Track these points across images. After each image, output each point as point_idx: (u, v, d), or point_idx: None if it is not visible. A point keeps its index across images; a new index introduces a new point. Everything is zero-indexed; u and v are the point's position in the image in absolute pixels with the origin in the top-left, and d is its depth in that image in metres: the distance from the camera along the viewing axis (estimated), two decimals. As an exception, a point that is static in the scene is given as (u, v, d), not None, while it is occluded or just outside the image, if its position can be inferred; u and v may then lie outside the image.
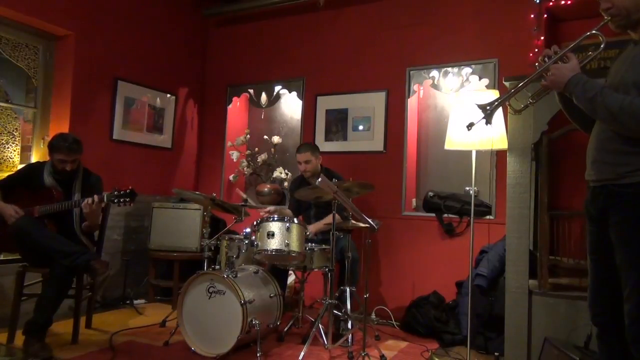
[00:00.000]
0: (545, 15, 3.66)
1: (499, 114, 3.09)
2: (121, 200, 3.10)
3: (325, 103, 4.74)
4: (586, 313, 2.00)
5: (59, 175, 3.25)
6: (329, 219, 3.68)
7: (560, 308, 2.75)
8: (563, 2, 3.57)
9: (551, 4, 3.62)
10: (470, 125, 2.12)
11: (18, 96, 4.11)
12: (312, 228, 3.73)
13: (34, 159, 4.02)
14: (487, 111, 2.02)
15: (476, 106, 2.04)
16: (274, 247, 3.14)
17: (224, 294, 2.96)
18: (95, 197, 3.08)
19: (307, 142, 4.25)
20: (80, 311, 3.24)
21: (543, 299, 2.80)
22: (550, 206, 2.89)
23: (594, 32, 1.91)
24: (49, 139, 3.70)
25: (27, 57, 4.02)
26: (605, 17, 1.86)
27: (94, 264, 3.01)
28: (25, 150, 4.08)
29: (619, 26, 1.86)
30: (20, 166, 3.92)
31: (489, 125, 2.07)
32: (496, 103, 2.03)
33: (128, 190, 3.11)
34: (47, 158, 3.38)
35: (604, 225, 1.84)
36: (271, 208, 3.97)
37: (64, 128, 3.97)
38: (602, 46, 1.91)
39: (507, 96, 2.07)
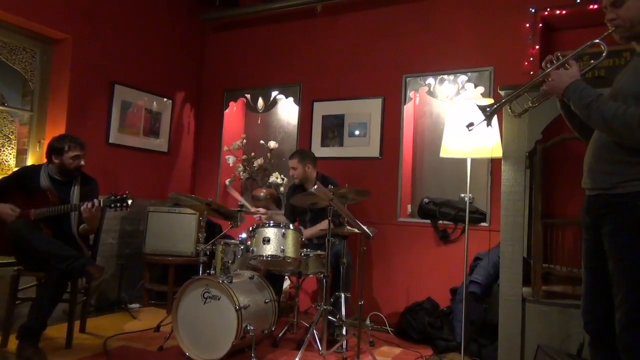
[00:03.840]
0: (541, 25, 3.69)
1: (494, 122, 3.12)
2: (117, 205, 3.10)
3: (322, 109, 4.76)
4: (579, 321, 2.02)
5: (63, 177, 3.26)
6: (323, 224, 3.70)
7: (554, 316, 2.76)
8: (558, 12, 3.61)
9: (546, 13, 3.66)
10: (470, 125, 2.15)
11: (14, 99, 4.10)
12: (307, 233, 3.73)
13: (29, 162, 4.01)
14: (487, 113, 2.05)
15: (477, 107, 2.07)
16: (270, 253, 3.15)
17: (219, 299, 2.96)
18: (96, 201, 3.08)
19: (300, 149, 4.27)
20: (75, 315, 3.22)
21: (536, 307, 2.82)
22: (544, 214, 2.92)
23: (597, 41, 1.94)
24: (45, 142, 3.71)
25: (24, 60, 4.02)
26: (610, 28, 1.88)
27: (90, 268, 3.00)
28: (21, 154, 4.07)
29: (622, 37, 1.89)
30: (15, 169, 3.91)
31: (489, 127, 2.11)
32: (496, 105, 2.06)
33: (124, 195, 3.11)
34: (44, 161, 3.38)
35: (598, 234, 1.86)
36: (263, 210, 3.97)
37: (60, 131, 3.95)
38: (603, 55, 1.95)
39: (508, 99, 2.09)
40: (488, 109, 2.04)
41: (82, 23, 4.18)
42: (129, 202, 3.09)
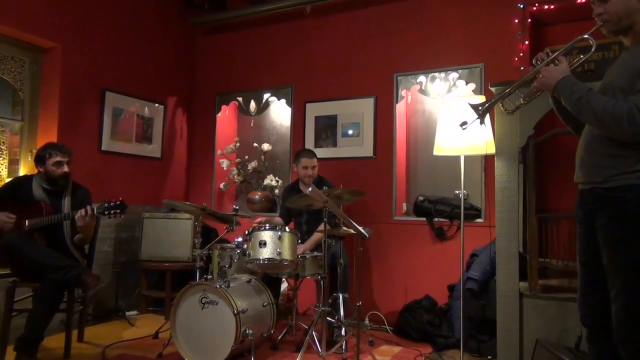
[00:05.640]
0: (529, 20, 3.71)
1: (486, 119, 3.13)
2: (111, 212, 3.08)
3: (314, 110, 4.75)
4: (576, 314, 2.03)
5: (52, 186, 3.24)
6: (317, 237, 3.70)
7: (551, 310, 2.78)
8: (546, 7, 3.63)
9: (535, 8, 3.68)
10: (463, 124, 2.15)
11: (4, 109, 4.06)
12: (300, 249, 3.68)
13: (21, 172, 3.99)
14: (480, 111, 2.06)
15: (469, 106, 2.07)
16: (266, 256, 3.14)
17: (216, 304, 2.95)
18: (89, 208, 3.07)
19: (308, 149, 4.25)
20: (72, 325, 3.21)
21: (534, 301, 2.84)
22: (538, 209, 2.93)
23: (585, 36, 1.95)
24: (36, 151, 3.67)
25: (13, 70, 3.99)
26: (598, 22, 1.90)
27: (85, 277, 2.99)
28: (13, 164, 4.04)
29: (610, 31, 1.90)
30: (7, 180, 3.88)
31: (482, 125, 2.12)
32: (488, 104, 2.07)
33: (118, 202, 3.10)
34: (35, 171, 3.36)
35: (592, 228, 1.87)
36: (262, 219, 3.96)
37: (52, 140, 3.93)
38: (592, 49, 1.96)
39: (500, 97, 2.10)
40: (480, 108, 2.05)
41: (71, 31, 4.16)
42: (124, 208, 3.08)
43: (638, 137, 1.72)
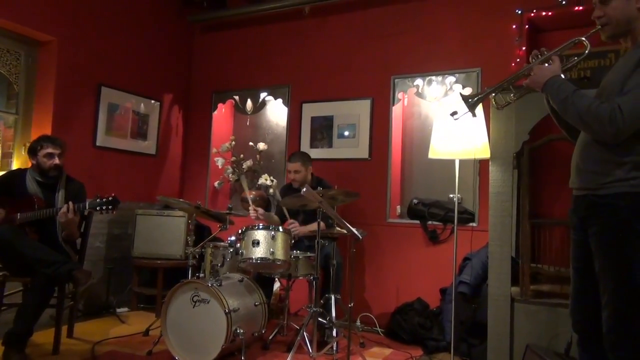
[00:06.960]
0: (527, 26, 3.72)
1: (482, 123, 3.14)
2: (103, 207, 3.07)
3: (311, 110, 4.75)
4: (567, 320, 2.04)
5: (44, 178, 3.22)
6: (313, 226, 3.69)
7: (542, 315, 2.78)
8: (544, 13, 3.64)
9: (532, 14, 3.69)
10: (454, 114, 2.16)
11: (-1, 102, 4.05)
12: (300, 229, 3.73)
13: (15, 165, 3.96)
14: (470, 103, 2.06)
15: (460, 96, 2.08)
16: (259, 256, 3.13)
17: (208, 302, 2.94)
18: (70, 204, 3.04)
19: (299, 152, 4.23)
20: (62, 320, 3.19)
21: (525, 306, 2.84)
22: (531, 214, 2.94)
23: (582, 38, 1.96)
24: (29, 144, 3.66)
25: (8, 63, 3.97)
26: (597, 25, 1.90)
27: (76, 273, 2.97)
28: (6, 157, 4.02)
29: (608, 36, 1.91)
30: (0, 173, 3.86)
31: (474, 117, 2.13)
32: (479, 96, 2.07)
33: (110, 198, 3.08)
34: (29, 165, 3.34)
35: (585, 234, 1.87)
36: (261, 211, 3.92)
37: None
38: (586, 52, 1.96)
39: (492, 90, 2.09)
40: (470, 100, 2.05)
41: (68, 25, 4.13)
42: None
43: (619, 138, 1.73)
